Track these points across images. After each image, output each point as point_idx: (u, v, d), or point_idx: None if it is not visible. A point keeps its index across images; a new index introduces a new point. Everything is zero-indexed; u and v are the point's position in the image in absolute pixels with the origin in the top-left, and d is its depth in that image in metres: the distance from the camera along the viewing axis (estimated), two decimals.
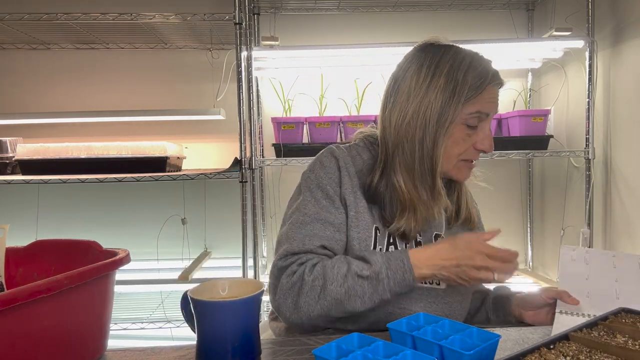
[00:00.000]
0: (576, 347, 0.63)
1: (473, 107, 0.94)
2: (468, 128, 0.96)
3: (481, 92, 0.95)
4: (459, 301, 0.98)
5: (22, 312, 0.58)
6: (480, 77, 0.96)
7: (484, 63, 0.99)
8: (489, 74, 0.98)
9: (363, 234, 0.94)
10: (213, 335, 0.68)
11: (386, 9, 2.26)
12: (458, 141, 0.96)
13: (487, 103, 0.96)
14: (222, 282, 0.76)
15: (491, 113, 0.98)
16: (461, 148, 0.96)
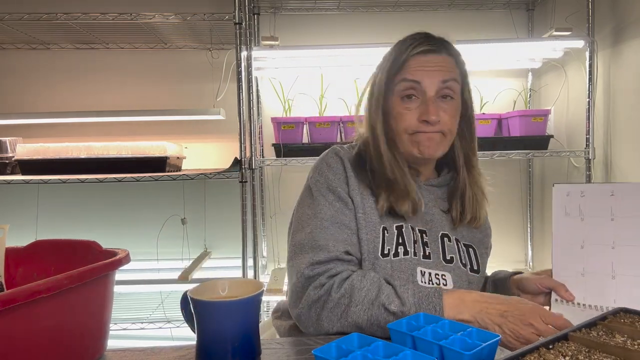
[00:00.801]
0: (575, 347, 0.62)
1: (399, 77, 0.95)
2: (404, 100, 0.95)
3: (406, 62, 0.95)
4: None
5: (22, 312, 0.58)
6: (403, 48, 0.96)
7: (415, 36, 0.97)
8: (412, 44, 0.95)
9: (371, 235, 0.93)
10: (213, 336, 0.68)
11: (386, 9, 2.26)
12: (398, 116, 0.95)
13: (413, 71, 0.94)
14: (222, 282, 0.76)
15: (424, 81, 0.93)
16: (405, 122, 0.95)
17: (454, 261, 0.97)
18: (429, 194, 1.02)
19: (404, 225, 0.95)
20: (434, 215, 1.00)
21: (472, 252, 1.00)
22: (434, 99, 0.94)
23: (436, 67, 0.94)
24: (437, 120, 0.93)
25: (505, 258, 2.35)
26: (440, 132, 0.95)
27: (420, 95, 0.94)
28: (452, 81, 0.95)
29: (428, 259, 0.95)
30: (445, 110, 0.95)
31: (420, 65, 0.94)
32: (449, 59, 0.97)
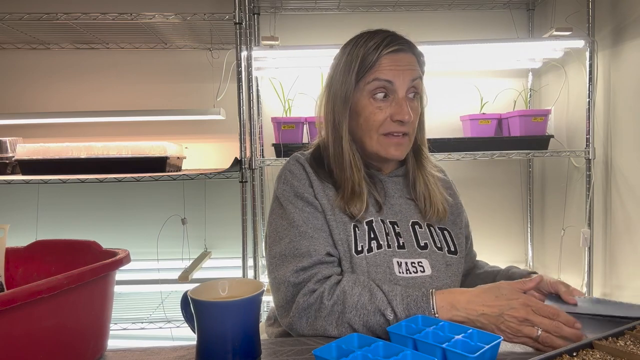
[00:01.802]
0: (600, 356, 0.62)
1: (370, 76, 0.95)
2: (376, 100, 0.95)
3: (377, 62, 0.95)
4: (447, 285, 0.97)
5: (22, 312, 0.58)
6: (373, 47, 0.96)
7: (382, 35, 0.97)
8: (382, 43, 0.95)
9: (343, 234, 0.94)
10: (213, 336, 0.68)
11: (386, 9, 2.26)
12: (370, 116, 0.96)
13: (384, 70, 0.94)
14: (222, 282, 0.75)
15: (396, 80, 0.94)
16: (377, 122, 0.95)
17: (428, 247, 0.98)
18: (394, 185, 1.04)
19: (374, 220, 0.97)
20: (401, 205, 1.02)
21: (447, 234, 1.02)
22: (405, 98, 0.95)
23: (406, 65, 0.95)
24: (410, 119, 0.94)
25: (505, 258, 2.35)
26: (407, 133, 0.97)
27: (392, 94, 0.95)
28: (418, 79, 0.97)
29: (402, 248, 0.96)
30: (413, 109, 0.97)
31: (393, 64, 0.94)
32: (414, 59, 0.98)
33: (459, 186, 1.22)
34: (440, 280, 0.95)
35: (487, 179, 2.34)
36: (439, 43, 1.95)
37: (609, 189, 1.82)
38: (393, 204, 1.01)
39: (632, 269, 1.70)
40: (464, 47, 1.94)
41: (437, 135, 2.15)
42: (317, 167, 1.01)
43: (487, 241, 2.32)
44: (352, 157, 0.98)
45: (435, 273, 0.95)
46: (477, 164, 2.30)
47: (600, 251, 1.88)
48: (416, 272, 0.94)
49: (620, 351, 0.62)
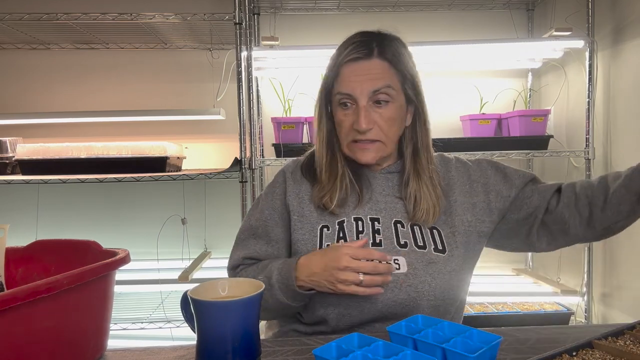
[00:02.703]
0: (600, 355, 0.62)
1: (336, 88, 0.97)
2: (343, 109, 0.97)
3: (339, 70, 0.96)
4: (427, 282, 0.94)
5: (22, 312, 0.58)
6: (335, 58, 0.98)
7: (349, 41, 0.97)
8: (343, 52, 0.96)
9: (308, 235, 0.99)
10: (213, 336, 0.68)
11: (386, 9, 2.26)
12: (340, 123, 0.99)
13: (345, 83, 0.96)
14: (222, 282, 0.75)
15: (354, 92, 0.95)
16: (343, 130, 0.98)
17: (407, 245, 0.97)
18: (385, 181, 1.04)
19: (346, 220, 0.99)
20: (387, 203, 1.01)
21: (437, 233, 0.99)
22: (367, 107, 0.95)
23: (366, 76, 0.94)
24: (367, 129, 0.94)
25: (505, 258, 2.35)
26: (376, 140, 0.97)
27: (354, 102, 0.96)
28: (384, 88, 0.94)
29: (379, 246, 0.97)
30: (381, 115, 0.95)
31: (351, 74, 0.95)
32: (382, 63, 0.95)
33: None
34: (417, 278, 0.94)
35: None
36: (439, 43, 1.95)
37: None
38: (379, 200, 1.02)
39: (632, 269, 1.70)
40: (464, 47, 1.95)
41: (437, 135, 2.14)
42: (307, 168, 1.06)
43: None
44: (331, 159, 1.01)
45: (412, 270, 0.94)
46: None
47: (600, 251, 1.88)
48: None
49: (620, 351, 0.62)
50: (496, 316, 1.84)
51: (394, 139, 0.99)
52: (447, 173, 1.06)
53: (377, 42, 0.96)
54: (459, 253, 0.99)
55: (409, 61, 1.00)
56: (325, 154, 1.01)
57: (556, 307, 1.92)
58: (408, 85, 0.98)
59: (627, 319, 1.65)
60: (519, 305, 1.94)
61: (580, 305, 1.91)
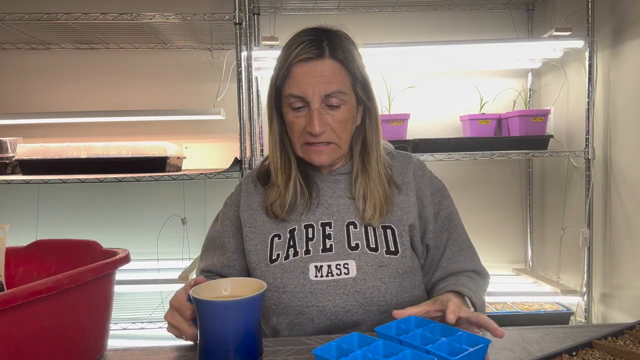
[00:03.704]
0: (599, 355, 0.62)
1: (287, 89, 0.94)
2: (294, 111, 0.94)
3: (290, 70, 0.93)
4: (376, 287, 0.92)
5: (22, 312, 0.58)
6: (284, 59, 0.94)
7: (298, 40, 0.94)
8: (294, 51, 0.92)
9: (260, 245, 0.99)
10: (216, 335, 0.68)
11: (386, 9, 2.26)
12: (291, 125, 0.96)
13: (297, 84, 0.92)
14: (224, 282, 0.76)
15: (307, 95, 0.92)
16: (295, 132, 0.96)
17: (359, 247, 0.95)
18: (335, 184, 1.02)
19: (297, 228, 0.98)
20: (339, 205, 1.00)
21: (390, 233, 0.97)
22: (319, 109, 0.93)
23: (318, 77, 0.92)
24: (320, 132, 0.92)
25: (505, 258, 2.35)
26: (329, 142, 0.95)
27: (306, 104, 0.93)
28: (336, 92, 0.92)
29: (329, 251, 0.95)
30: (334, 118, 0.94)
31: (303, 75, 0.92)
32: (333, 64, 0.93)
33: (458, 186, 1.22)
34: (365, 283, 0.92)
35: (487, 179, 2.34)
36: (439, 43, 1.95)
37: (609, 188, 1.82)
38: (330, 204, 1.00)
39: (632, 269, 1.70)
40: (464, 47, 1.94)
41: (437, 135, 2.15)
42: (265, 175, 1.05)
43: (487, 241, 2.32)
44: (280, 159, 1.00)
45: (361, 275, 0.92)
46: (477, 164, 2.30)
47: (599, 251, 1.88)
48: (339, 275, 0.93)
49: (620, 351, 0.62)
50: (496, 316, 1.84)
51: (347, 140, 0.98)
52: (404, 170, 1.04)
53: (328, 41, 0.93)
54: (410, 253, 0.97)
55: (359, 60, 0.97)
56: (279, 156, 0.99)
57: (556, 307, 1.92)
58: (359, 85, 0.96)
59: (627, 319, 1.65)
60: (519, 305, 1.94)
61: (580, 305, 1.91)
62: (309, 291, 0.92)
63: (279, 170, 0.99)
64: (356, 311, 0.92)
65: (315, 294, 0.92)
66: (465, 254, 1.03)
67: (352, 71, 0.95)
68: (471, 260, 1.03)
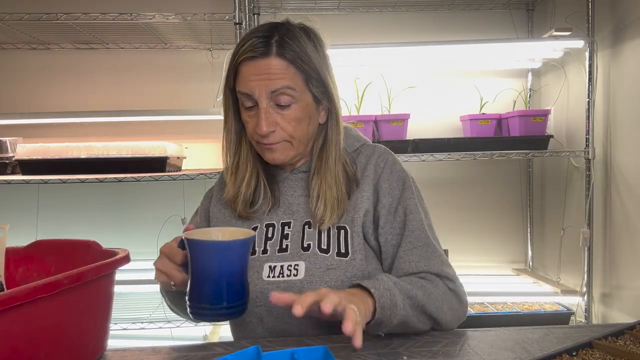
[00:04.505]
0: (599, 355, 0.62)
1: (237, 87, 0.92)
2: (247, 110, 0.93)
3: (238, 68, 0.91)
4: None
5: (22, 312, 0.58)
6: (232, 56, 0.92)
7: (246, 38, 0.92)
8: (241, 49, 0.90)
9: None
10: (207, 275, 0.74)
11: (386, 9, 2.26)
12: (245, 124, 0.95)
13: (245, 81, 0.90)
14: (214, 230, 0.84)
15: (254, 93, 0.89)
16: (250, 131, 0.94)
17: (310, 248, 0.93)
18: (296, 182, 1.01)
19: (259, 226, 0.98)
20: (299, 205, 0.98)
21: (343, 234, 0.94)
22: (268, 109, 0.90)
23: (263, 76, 0.89)
24: (268, 132, 0.90)
25: (505, 258, 2.35)
26: (282, 141, 0.92)
27: (256, 103, 0.91)
28: (282, 89, 0.89)
29: (285, 251, 0.94)
30: (283, 117, 0.91)
31: (249, 74, 0.90)
32: (280, 62, 0.89)
33: (458, 186, 1.22)
34: (312, 285, 0.89)
35: (487, 179, 2.34)
36: (439, 43, 1.95)
37: (609, 188, 1.82)
38: (291, 202, 0.99)
39: (632, 269, 1.70)
40: (464, 47, 1.94)
41: (437, 135, 2.15)
42: None
43: (486, 241, 2.32)
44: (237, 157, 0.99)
45: (308, 277, 0.90)
46: (477, 164, 2.30)
47: (600, 251, 1.88)
48: (289, 276, 0.91)
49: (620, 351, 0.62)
50: (496, 316, 1.84)
51: (303, 138, 0.94)
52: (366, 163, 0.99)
53: (277, 38, 0.90)
54: (361, 256, 0.92)
55: (314, 57, 0.92)
56: (233, 155, 0.98)
57: (556, 307, 1.92)
58: (313, 83, 0.92)
59: (627, 319, 1.65)
60: (519, 305, 1.94)
61: (580, 305, 1.91)
62: (259, 291, 0.91)
63: (229, 169, 0.99)
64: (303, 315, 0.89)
65: (265, 293, 0.90)
66: (419, 252, 0.92)
67: (303, 69, 0.91)
68: (426, 260, 0.91)
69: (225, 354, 0.68)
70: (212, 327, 2.05)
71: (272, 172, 1.02)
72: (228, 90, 0.96)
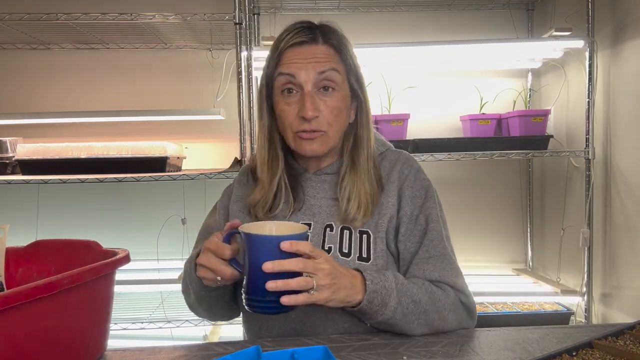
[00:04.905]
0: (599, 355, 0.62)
1: (277, 71, 0.93)
2: (284, 95, 0.92)
3: (282, 55, 0.92)
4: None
5: (22, 312, 0.58)
6: (277, 42, 0.94)
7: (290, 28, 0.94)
8: (286, 37, 0.92)
9: None
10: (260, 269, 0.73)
11: (386, 9, 2.26)
12: (281, 113, 0.93)
13: (288, 63, 0.91)
14: (268, 224, 0.83)
15: (299, 74, 0.90)
16: (288, 119, 0.92)
17: (331, 251, 0.92)
18: (320, 184, 0.99)
19: None
20: (321, 206, 0.97)
21: (365, 239, 0.93)
22: (312, 93, 0.90)
23: (311, 58, 0.90)
24: (314, 116, 0.89)
25: (505, 258, 2.35)
26: (320, 130, 0.91)
27: (299, 89, 0.91)
28: (330, 71, 0.90)
29: None
30: (326, 103, 0.91)
31: (295, 57, 0.91)
32: (327, 49, 0.92)
33: (458, 186, 1.21)
34: None
35: (487, 179, 2.34)
36: (439, 43, 1.95)
37: (609, 189, 1.82)
38: (313, 204, 0.98)
39: (632, 269, 1.70)
40: (464, 47, 1.94)
41: (437, 135, 2.15)
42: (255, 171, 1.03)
43: (487, 241, 2.32)
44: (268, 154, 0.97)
45: None
46: (477, 164, 2.30)
47: (600, 251, 1.88)
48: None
49: (620, 351, 0.62)
50: (496, 316, 1.84)
51: (338, 131, 0.95)
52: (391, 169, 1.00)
53: (320, 30, 0.94)
54: (382, 262, 0.92)
55: (353, 53, 0.96)
56: (267, 150, 0.97)
57: (556, 307, 1.93)
58: (352, 76, 0.95)
59: (627, 319, 1.65)
60: (519, 305, 1.94)
61: (580, 305, 1.91)
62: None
63: (265, 165, 0.97)
64: (319, 317, 0.89)
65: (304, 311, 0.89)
66: (435, 262, 0.92)
67: (346, 60, 0.94)
68: (441, 270, 0.91)
69: (225, 354, 0.68)
70: (212, 327, 2.05)
71: (294, 173, 1.01)
72: (264, 85, 0.96)
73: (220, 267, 0.80)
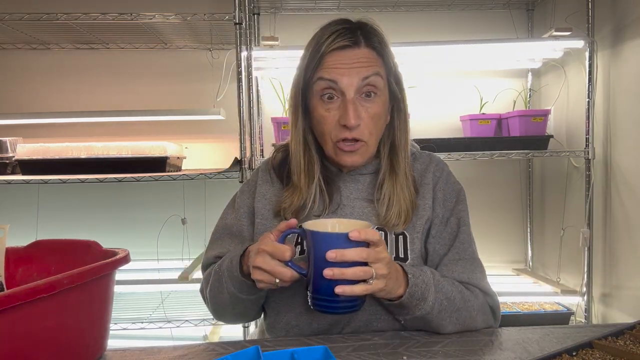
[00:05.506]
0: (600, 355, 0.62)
1: (317, 75, 0.89)
2: (324, 101, 0.89)
3: (323, 59, 0.88)
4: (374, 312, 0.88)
5: (22, 312, 0.58)
6: (317, 44, 0.90)
7: (332, 29, 0.91)
8: (327, 39, 0.89)
9: None
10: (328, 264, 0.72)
11: (386, 9, 2.26)
12: (320, 119, 0.90)
13: (330, 69, 0.87)
14: (330, 221, 0.82)
15: (341, 80, 0.87)
16: (327, 126, 0.90)
17: None
18: (355, 184, 0.98)
19: None
20: (355, 207, 0.96)
21: (402, 240, 0.93)
22: (354, 99, 0.88)
23: (354, 63, 0.87)
24: (356, 124, 0.87)
25: (505, 258, 2.35)
26: (361, 140, 0.89)
27: (340, 95, 0.88)
28: (373, 76, 0.88)
29: None
30: (368, 110, 0.89)
31: (337, 62, 0.87)
32: (369, 52, 0.90)
33: None
34: None
35: (487, 179, 2.34)
36: (439, 43, 1.95)
37: (609, 188, 1.82)
38: (346, 205, 0.96)
39: (632, 268, 1.70)
40: (464, 47, 1.94)
41: (437, 135, 2.16)
42: (278, 167, 1.02)
43: (487, 241, 2.32)
44: (304, 159, 0.95)
45: None
46: (477, 164, 2.30)
47: (600, 251, 1.88)
48: None
49: (620, 351, 0.62)
50: None
51: (377, 138, 0.93)
52: (425, 171, 1.00)
53: (361, 31, 0.91)
54: (419, 262, 0.93)
55: (392, 53, 0.94)
56: (302, 156, 0.95)
57: (556, 307, 1.92)
58: (393, 77, 0.93)
59: (627, 319, 1.65)
60: (519, 305, 1.94)
61: (580, 305, 1.91)
62: None
63: (302, 172, 0.94)
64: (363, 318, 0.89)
65: None
66: (464, 264, 0.93)
67: (387, 61, 0.91)
68: (470, 273, 0.92)
69: (225, 354, 0.68)
70: (212, 327, 2.05)
71: (330, 174, 0.99)
72: (301, 85, 0.92)
73: (280, 270, 0.76)
